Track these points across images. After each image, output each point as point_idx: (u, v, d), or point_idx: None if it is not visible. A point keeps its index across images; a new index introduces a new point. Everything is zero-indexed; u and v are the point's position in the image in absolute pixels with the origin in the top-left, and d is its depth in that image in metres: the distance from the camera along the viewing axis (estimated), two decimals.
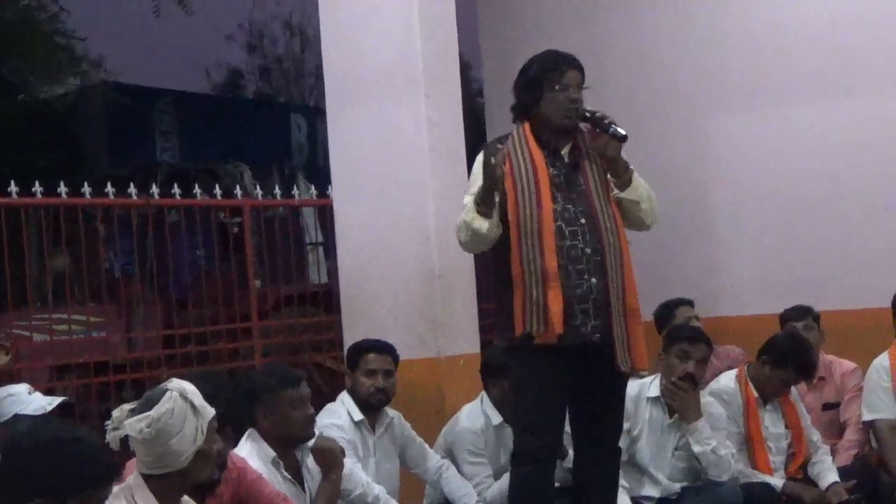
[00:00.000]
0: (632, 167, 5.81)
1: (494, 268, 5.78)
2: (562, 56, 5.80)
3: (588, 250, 5.58)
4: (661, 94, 10.09)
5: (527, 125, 5.72)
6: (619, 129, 5.64)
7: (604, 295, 5.57)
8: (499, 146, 5.68)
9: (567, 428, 5.91)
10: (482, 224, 5.57)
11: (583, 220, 5.60)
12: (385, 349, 6.75)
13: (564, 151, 5.74)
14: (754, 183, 9.81)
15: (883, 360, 7.44)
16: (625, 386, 5.95)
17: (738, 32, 9.88)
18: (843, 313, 8.93)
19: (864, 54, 9.43)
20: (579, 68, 5.78)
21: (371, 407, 6.66)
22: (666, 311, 8.26)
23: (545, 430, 5.62)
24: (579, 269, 5.55)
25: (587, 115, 5.72)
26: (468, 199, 5.65)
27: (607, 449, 5.86)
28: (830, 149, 9.52)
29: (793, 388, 7.21)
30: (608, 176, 5.75)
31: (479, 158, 5.70)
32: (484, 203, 5.55)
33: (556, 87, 5.67)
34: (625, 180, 5.76)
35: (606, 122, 5.67)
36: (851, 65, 9.48)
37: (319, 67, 8.39)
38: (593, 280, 5.57)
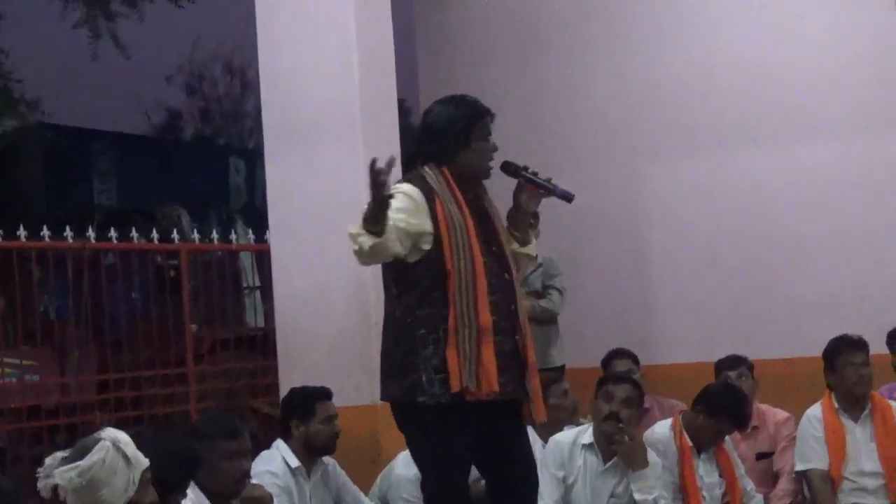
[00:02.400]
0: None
1: (400, 320, 5.45)
2: (482, 104, 5.64)
3: (512, 306, 5.48)
4: (597, 139, 10.16)
5: (445, 170, 5.50)
6: (568, 190, 5.60)
7: (522, 351, 5.49)
8: (426, 187, 5.43)
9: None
10: (365, 240, 5.20)
11: (506, 276, 5.49)
12: (331, 394, 6.83)
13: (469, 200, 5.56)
14: (689, 230, 9.88)
15: (815, 410, 7.48)
16: (527, 435, 5.82)
17: (673, 79, 9.97)
18: (777, 362, 9.00)
19: (797, 104, 9.55)
20: (494, 116, 5.65)
21: (325, 453, 6.73)
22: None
23: (463, 489, 5.51)
24: (505, 325, 5.44)
25: (519, 170, 5.62)
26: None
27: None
28: (764, 197, 9.62)
29: (727, 438, 7.24)
30: (509, 229, 5.66)
31: (405, 189, 5.41)
32: (374, 222, 5.18)
33: (485, 137, 5.54)
34: (528, 237, 5.70)
35: (547, 180, 5.60)
36: (785, 114, 9.60)
37: (259, 109, 8.39)
38: (516, 336, 5.48)
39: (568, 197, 5.61)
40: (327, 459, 6.82)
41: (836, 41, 9.49)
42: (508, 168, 5.65)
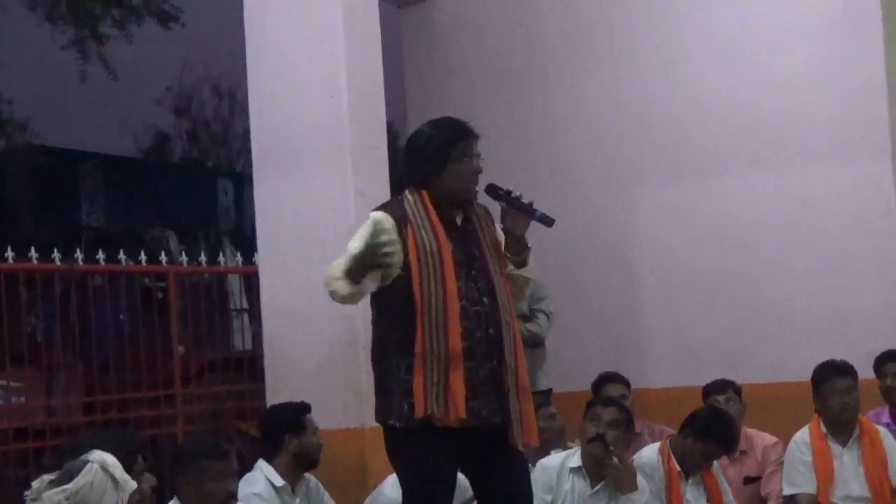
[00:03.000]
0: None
1: (380, 343, 5.54)
2: (465, 125, 5.59)
3: (491, 331, 5.42)
4: (586, 164, 10.18)
5: (425, 193, 5.51)
6: (548, 214, 5.54)
7: (502, 376, 5.43)
8: (399, 214, 5.45)
9: None
10: (342, 287, 5.32)
11: (485, 300, 5.44)
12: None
13: (457, 223, 5.56)
14: (676, 255, 9.89)
15: (803, 434, 7.48)
16: (524, 460, 5.78)
17: (661, 105, 9.99)
18: (765, 386, 9.01)
19: (783, 131, 9.58)
20: (477, 137, 5.59)
21: (313, 466, 6.79)
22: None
23: None
24: (483, 350, 5.40)
25: (501, 193, 5.56)
26: (345, 257, 5.33)
27: None
28: (751, 222, 9.64)
29: (715, 462, 7.24)
30: (504, 252, 5.62)
31: (377, 217, 5.40)
32: (352, 276, 5.29)
33: (463, 159, 5.49)
34: (523, 258, 5.64)
35: (529, 203, 5.54)
36: (771, 140, 9.62)
37: (247, 132, 8.41)
38: (494, 362, 5.42)
39: (547, 221, 5.57)
40: (309, 476, 6.83)
41: (819, 69, 9.51)
42: (491, 191, 5.63)
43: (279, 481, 6.62)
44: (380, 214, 5.43)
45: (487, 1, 10.82)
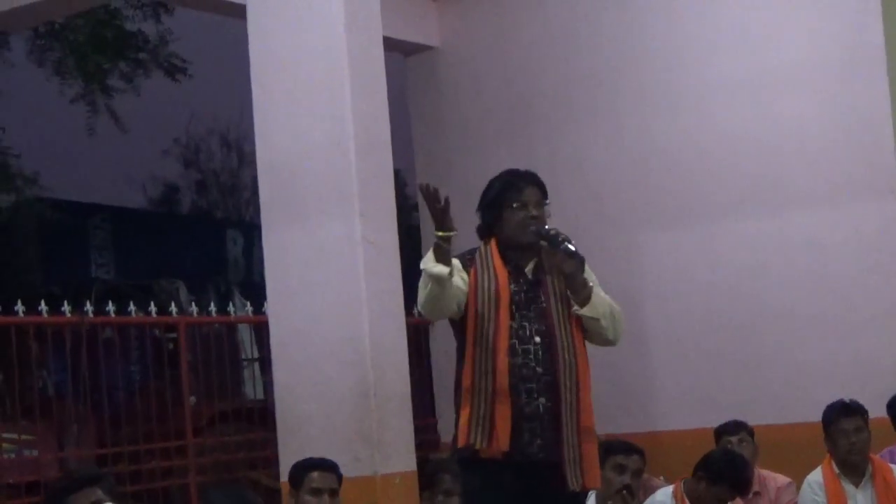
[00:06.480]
0: (592, 284, 5.75)
1: (455, 383, 5.73)
2: (520, 174, 5.84)
3: (539, 369, 5.57)
4: (590, 212, 10.19)
5: (493, 241, 5.74)
6: (570, 246, 5.60)
7: (554, 415, 5.56)
8: (468, 258, 5.72)
9: None
10: (441, 269, 5.41)
11: (537, 339, 5.60)
12: (329, 467, 6.67)
13: (528, 268, 5.72)
14: (684, 299, 9.90)
15: (816, 475, 7.46)
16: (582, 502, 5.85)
17: (664, 150, 10.04)
18: (777, 428, 8.99)
19: (787, 174, 9.62)
20: (538, 185, 5.79)
21: None
22: None
23: None
24: (529, 388, 5.55)
25: (542, 232, 5.68)
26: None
27: None
28: (757, 265, 9.66)
29: None
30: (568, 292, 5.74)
31: (454, 262, 5.67)
32: (441, 258, 5.43)
33: (514, 206, 5.71)
34: (583, 297, 5.71)
35: (560, 238, 5.63)
36: (776, 182, 9.65)
37: (255, 182, 8.43)
38: (542, 399, 5.56)
39: (570, 253, 5.62)
40: None
41: (824, 112, 9.55)
42: (535, 234, 5.73)
43: None
44: (454, 260, 5.67)
45: (492, 49, 10.88)
